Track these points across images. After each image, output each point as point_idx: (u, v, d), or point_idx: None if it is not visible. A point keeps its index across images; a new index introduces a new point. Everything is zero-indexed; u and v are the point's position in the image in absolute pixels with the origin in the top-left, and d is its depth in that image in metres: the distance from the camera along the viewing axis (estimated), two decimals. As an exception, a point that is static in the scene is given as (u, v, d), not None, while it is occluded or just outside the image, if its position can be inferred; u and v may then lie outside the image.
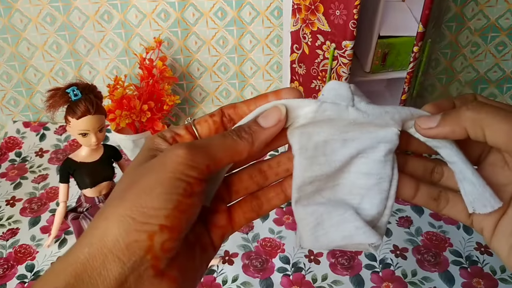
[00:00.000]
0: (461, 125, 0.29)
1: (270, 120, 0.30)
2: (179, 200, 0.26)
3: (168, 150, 0.28)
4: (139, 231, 0.26)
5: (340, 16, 0.65)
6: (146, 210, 0.26)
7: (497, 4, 0.91)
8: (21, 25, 0.92)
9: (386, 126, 0.31)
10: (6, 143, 0.97)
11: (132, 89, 0.88)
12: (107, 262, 0.25)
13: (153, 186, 0.27)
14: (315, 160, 0.31)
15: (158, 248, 0.26)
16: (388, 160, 0.31)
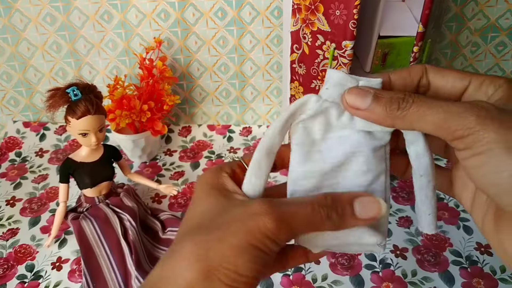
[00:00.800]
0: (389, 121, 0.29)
1: (368, 213, 0.29)
2: (258, 270, 0.28)
3: (256, 213, 0.28)
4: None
5: (340, 16, 0.65)
6: (230, 273, 0.27)
7: (497, 4, 0.91)
8: (21, 25, 0.92)
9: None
10: (6, 143, 0.97)
11: (132, 89, 0.88)
12: None
13: (240, 249, 0.27)
14: (310, 156, 0.32)
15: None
16: (383, 154, 0.32)
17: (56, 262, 0.72)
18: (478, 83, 0.30)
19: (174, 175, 0.89)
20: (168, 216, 0.77)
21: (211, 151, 0.96)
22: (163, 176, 0.89)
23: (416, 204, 0.33)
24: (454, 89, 0.31)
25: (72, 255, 0.72)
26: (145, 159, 0.93)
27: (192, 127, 1.01)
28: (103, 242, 0.69)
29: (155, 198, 0.84)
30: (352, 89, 0.30)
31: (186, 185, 0.87)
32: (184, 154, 0.95)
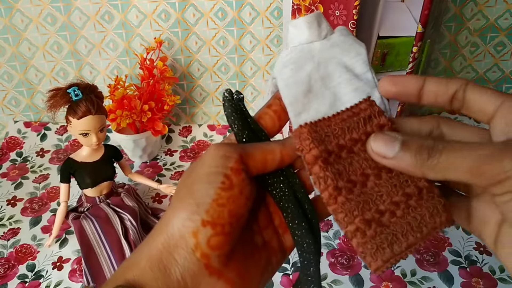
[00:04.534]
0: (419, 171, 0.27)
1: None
2: (218, 193, 0.27)
3: (206, 150, 0.29)
4: (184, 227, 0.26)
5: (340, 16, 0.65)
6: (189, 206, 0.26)
7: (496, 5, 0.92)
8: (22, 25, 0.92)
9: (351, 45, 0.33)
10: (7, 143, 0.97)
11: (132, 89, 0.88)
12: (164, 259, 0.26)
13: (194, 183, 0.27)
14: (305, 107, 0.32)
15: (204, 245, 0.26)
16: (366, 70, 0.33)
17: (57, 262, 0.72)
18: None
19: (174, 175, 0.89)
20: (168, 215, 0.77)
21: (211, 151, 0.96)
22: (163, 176, 0.89)
23: None
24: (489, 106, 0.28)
25: (73, 255, 0.73)
26: (146, 159, 0.93)
27: (192, 127, 1.02)
28: (104, 241, 0.70)
29: (156, 198, 0.84)
30: (378, 136, 0.29)
31: (186, 185, 0.87)
32: (185, 154, 0.95)
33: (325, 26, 0.33)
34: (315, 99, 0.32)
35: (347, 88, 0.33)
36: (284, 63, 0.33)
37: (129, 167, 0.82)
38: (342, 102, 0.32)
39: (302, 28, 0.33)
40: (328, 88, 0.33)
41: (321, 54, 0.33)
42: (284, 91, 0.32)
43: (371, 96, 0.32)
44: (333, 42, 0.33)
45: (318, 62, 0.33)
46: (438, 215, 0.28)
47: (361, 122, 0.30)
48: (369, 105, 0.31)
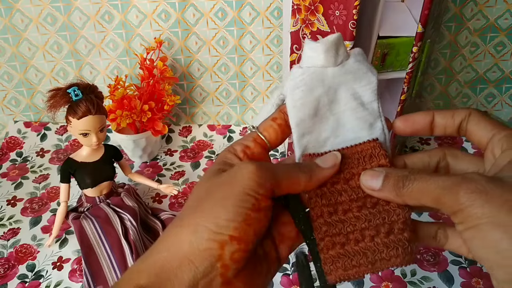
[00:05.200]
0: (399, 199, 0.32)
1: (328, 163, 0.34)
2: (248, 214, 0.29)
3: (240, 166, 0.31)
4: (212, 240, 0.28)
5: (340, 16, 0.65)
6: (219, 220, 0.29)
7: (496, 4, 0.92)
8: (22, 25, 0.92)
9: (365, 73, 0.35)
10: (7, 143, 0.97)
11: (132, 89, 0.88)
12: (183, 265, 0.28)
13: (226, 198, 0.29)
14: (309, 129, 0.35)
15: (228, 258, 0.29)
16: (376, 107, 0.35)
17: (57, 262, 0.72)
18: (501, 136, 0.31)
19: (174, 175, 0.89)
20: (168, 215, 0.77)
21: (212, 151, 0.96)
22: (163, 176, 0.89)
23: None
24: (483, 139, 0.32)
25: (73, 255, 0.73)
26: (146, 159, 0.93)
27: (192, 127, 1.02)
28: (104, 241, 0.70)
29: (156, 198, 0.84)
30: (366, 171, 0.33)
31: (186, 185, 0.87)
32: (185, 154, 0.95)
33: (342, 52, 0.34)
34: (319, 123, 0.35)
35: (351, 116, 0.35)
36: (296, 84, 0.34)
37: (129, 167, 0.82)
38: (345, 129, 0.35)
39: (319, 53, 0.34)
40: (333, 113, 0.35)
41: (333, 79, 0.34)
42: (292, 112, 0.34)
43: (373, 126, 0.35)
44: (346, 69, 0.34)
45: (328, 87, 0.34)
46: (395, 255, 0.32)
47: (362, 159, 0.34)
48: (373, 146, 0.34)
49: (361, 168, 0.34)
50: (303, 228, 0.34)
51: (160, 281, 0.28)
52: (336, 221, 0.33)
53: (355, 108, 0.35)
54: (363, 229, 0.33)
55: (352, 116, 0.35)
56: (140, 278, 0.28)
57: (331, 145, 0.35)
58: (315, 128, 0.35)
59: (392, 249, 0.32)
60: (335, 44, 0.33)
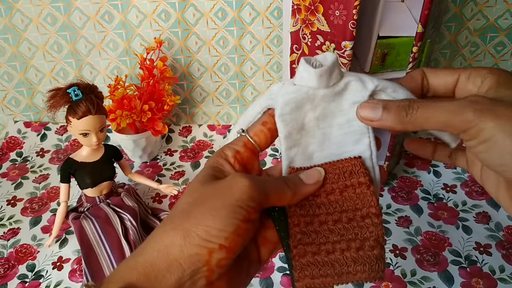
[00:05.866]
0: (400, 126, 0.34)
1: (311, 179, 0.35)
2: (238, 225, 0.31)
3: (235, 178, 0.32)
4: (201, 246, 0.30)
5: (340, 16, 0.65)
6: (210, 229, 0.30)
7: (496, 4, 0.92)
8: (22, 25, 0.92)
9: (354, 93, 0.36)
10: (7, 143, 0.97)
11: (132, 89, 0.88)
12: (171, 267, 0.30)
13: (219, 209, 0.31)
14: (296, 142, 0.36)
15: (214, 264, 0.30)
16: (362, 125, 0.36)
17: (57, 262, 0.72)
18: (466, 76, 0.35)
19: (174, 175, 0.89)
20: (168, 215, 0.77)
21: (212, 151, 0.96)
22: (163, 176, 0.89)
23: None
24: (447, 85, 0.36)
25: (73, 255, 0.73)
26: (146, 159, 0.93)
27: (192, 127, 1.02)
28: (104, 241, 0.70)
29: (156, 198, 0.84)
30: (363, 104, 0.35)
31: (186, 185, 0.87)
32: (185, 154, 0.95)
33: (335, 75, 0.35)
34: (306, 136, 0.36)
35: (338, 131, 0.36)
36: (287, 101, 0.35)
37: (129, 167, 0.82)
38: (331, 143, 0.37)
39: (313, 77, 0.35)
40: (320, 128, 0.36)
41: (322, 98, 0.36)
42: (280, 125, 0.36)
43: (360, 142, 0.36)
44: (337, 90, 0.35)
45: (316, 105, 0.36)
46: (362, 271, 0.33)
47: (342, 175, 0.35)
48: (354, 164, 0.35)
49: (341, 183, 0.35)
50: (282, 234, 0.35)
51: (148, 280, 0.29)
52: (311, 231, 0.35)
53: (343, 124, 0.36)
54: (335, 242, 0.34)
55: (338, 131, 0.36)
56: (131, 275, 0.30)
57: (318, 159, 0.37)
58: (302, 142, 0.36)
59: (360, 264, 0.33)
60: (330, 70, 0.35)
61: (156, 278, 0.29)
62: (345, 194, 0.35)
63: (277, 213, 0.36)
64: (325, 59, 0.35)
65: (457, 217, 0.79)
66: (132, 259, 0.31)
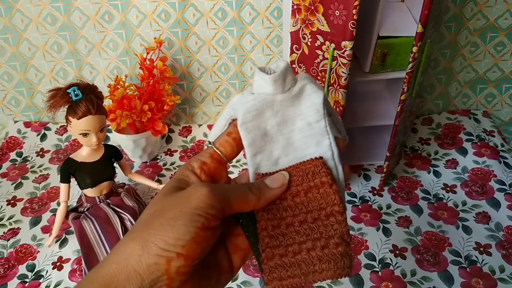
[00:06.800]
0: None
1: (276, 183, 0.36)
2: (196, 233, 0.31)
3: (194, 187, 0.33)
4: (159, 255, 0.30)
5: (340, 16, 0.65)
6: (167, 239, 0.30)
7: (496, 4, 0.92)
8: (22, 25, 0.92)
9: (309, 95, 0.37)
10: (7, 143, 0.97)
11: (132, 89, 0.88)
12: (130, 277, 0.30)
13: (176, 218, 0.31)
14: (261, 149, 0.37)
15: (173, 272, 0.30)
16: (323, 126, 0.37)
17: (57, 262, 0.72)
18: None
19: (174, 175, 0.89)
20: (168, 215, 0.77)
21: (211, 151, 0.96)
22: (163, 176, 0.89)
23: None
24: None
25: (73, 255, 0.73)
26: (146, 159, 0.93)
27: (192, 127, 1.02)
28: (104, 241, 0.70)
29: (156, 198, 0.84)
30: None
31: (186, 185, 0.87)
32: (185, 154, 0.95)
33: (289, 80, 0.37)
34: (270, 142, 0.37)
35: (299, 135, 0.37)
36: (247, 109, 0.36)
37: (129, 167, 0.82)
38: (294, 147, 0.37)
39: (268, 83, 0.36)
40: (282, 134, 0.37)
41: (281, 103, 0.37)
42: (243, 133, 0.36)
43: (321, 143, 0.37)
44: (294, 94, 0.37)
45: (276, 111, 0.37)
46: (327, 269, 0.34)
47: (305, 177, 0.36)
48: (315, 165, 0.36)
49: (305, 185, 0.36)
50: (252, 240, 0.36)
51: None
52: (278, 234, 0.35)
53: (302, 127, 0.37)
54: (301, 243, 0.35)
55: (299, 135, 0.37)
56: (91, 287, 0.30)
57: (283, 163, 0.38)
58: (267, 148, 0.37)
59: (325, 262, 0.34)
60: (283, 75, 0.36)
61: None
62: (309, 195, 0.36)
63: (246, 219, 0.36)
64: (278, 67, 0.36)
65: (457, 217, 0.79)
66: (93, 272, 0.31)
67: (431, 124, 1.00)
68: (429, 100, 1.02)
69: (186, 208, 0.31)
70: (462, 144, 0.94)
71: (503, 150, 0.92)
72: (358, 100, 0.86)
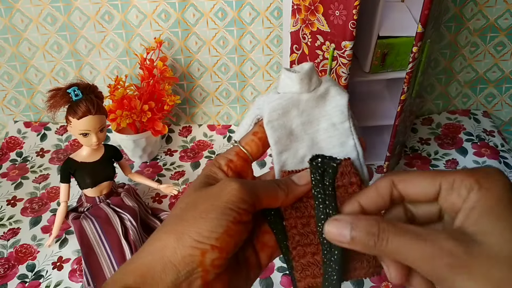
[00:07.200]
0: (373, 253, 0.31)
1: (303, 180, 0.36)
2: (229, 226, 0.31)
3: (225, 182, 0.34)
4: (194, 247, 0.31)
5: (340, 16, 0.65)
6: (201, 231, 0.31)
7: (496, 4, 0.92)
8: (22, 25, 0.92)
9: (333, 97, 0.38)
10: (7, 143, 0.97)
11: (132, 89, 0.88)
12: (166, 268, 0.30)
13: (208, 211, 0.32)
14: (286, 147, 0.38)
15: (208, 264, 0.31)
16: (348, 127, 0.38)
17: (57, 262, 0.72)
18: (449, 185, 0.31)
19: (174, 175, 0.89)
20: (168, 215, 0.77)
21: (212, 151, 0.96)
22: (163, 176, 0.89)
23: None
24: (427, 196, 0.32)
25: (73, 255, 0.73)
26: (146, 159, 0.93)
27: (192, 127, 1.02)
28: (104, 241, 0.70)
29: (156, 198, 0.84)
30: (330, 223, 0.32)
31: (186, 185, 0.87)
32: (185, 154, 0.95)
33: (315, 80, 0.37)
34: (296, 141, 0.38)
35: (324, 135, 0.38)
36: (273, 107, 0.37)
37: (129, 167, 0.82)
38: (319, 147, 0.38)
39: (294, 82, 0.37)
40: (307, 133, 0.38)
41: (306, 103, 0.38)
42: (269, 132, 0.37)
43: (346, 144, 0.38)
44: (319, 94, 0.38)
45: (302, 110, 0.38)
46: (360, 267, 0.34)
47: None
48: (345, 165, 0.37)
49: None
50: (280, 237, 0.36)
51: (145, 282, 0.30)
52: (308, 232, 0.36)
53: (327, 128, 0.38)
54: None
55: (324, 135, 0.38)
56: (127, 279, 0.30)
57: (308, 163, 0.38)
58: (292, 146, 0.38)
59: (358, 261, 0.34)
60: (309, 74, 0.37)
61: (152, 279, 0.30)
62: (337, 195, 0.36)
63: (273, 216, 0.37)
64: (303, 68, 0.37)
65: (457, 217, 0.79)
66: (129, 263, 0.32)
67: (431, 124, 1.00)
68: (429, 100, 1.02)
69: (218, 202, 0.32)
70: (462, 144, 0.94)
71: (503, 150, 0.92)
72: (358, 100, 0.86)
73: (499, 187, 0.29)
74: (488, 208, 0.29)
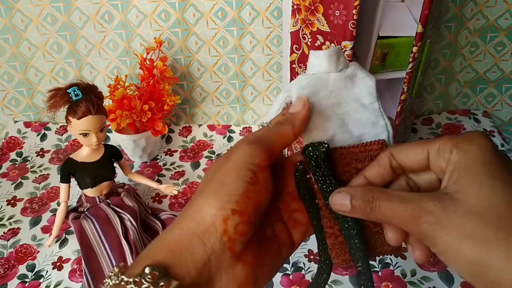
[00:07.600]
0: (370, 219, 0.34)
1: (298, 105, 0.37)
2: (247, 187, 0.32)
3: (235, 144, 0.34)
4: (215, 215, 0.31)
5: (340, 16, 0.65)
6: (220, 196, 0.31)
7: (496, 4, 0.92)
8: (22, 25, 0.92)
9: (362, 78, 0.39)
10: (7, 143, 0.97)
11: (132, 89, 0.88)
12: (192, 241, 0.31)
13: (225, 177, 0.32)
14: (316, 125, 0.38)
15: (232, 231, 0.31)
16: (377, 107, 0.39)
17: (57, 262, 0.72)
18: (435, 152, 0.33)
19: (174, 175, 0.89)
20: (168, 216, 0.77)
21: (212, 151, 0.96)
22: (163, 176, 0.89)
23: None
24: (420, 164, 0.35)
25: (73, 255, 0.73)
26: (146, 159, 0.93)
27: (192, 127, 1.02)
28: (104, 241, 0.70)
29: (156, 198, 0.84)
30: (333, 197, 0.35)
31: (186, 185, 0.87)
32: (185, 154, 0.95)
33: (342, 61, 0.38)
34: (325, 121, 0.38)
35: (354, 115, 0.39)
36: (303, 86, 0.38)
37: (129, 167, 0.82)
38: (349, 127, 0.38)
39: (322, 60, 0.38)
40: (337, 114, 0.38)
41: (335, 84, 0.38)
42: None
43: (377, 124, 0.38)
44: (346, 75, 0.38)
45: (330, 91, 0.38)
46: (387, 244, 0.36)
47: (368, 158, 0.37)
48: (380, 147, 0.37)
49: (367, 164, 0.37)
50: (312, 214, 0.37)
51: (174, 256, 0.30)
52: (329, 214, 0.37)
53: (356, 109, 0.39)
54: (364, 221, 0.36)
55: (355, 116, 0.39)
56: (158, 254, 0.31)
57: (338, 141, 0.39)
58: (322, 125, 0.38)
59: (373, 240, 0.36)
60: (336, 53, 0.38)
61: (181, 253, 0.30)
62: None
63: (308, 195, 0.37)
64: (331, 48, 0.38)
65: (457, 217, 0.79)
66: (159, 239, 0.32)
67: (431, 124, 1.00)
68: (429, 100, 1.02)
69: (231, 164, 0.33)
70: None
71: (503, 150, 0.92)
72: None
73: (476, 148, 0.31)
74: (465, 168, 0.31)
